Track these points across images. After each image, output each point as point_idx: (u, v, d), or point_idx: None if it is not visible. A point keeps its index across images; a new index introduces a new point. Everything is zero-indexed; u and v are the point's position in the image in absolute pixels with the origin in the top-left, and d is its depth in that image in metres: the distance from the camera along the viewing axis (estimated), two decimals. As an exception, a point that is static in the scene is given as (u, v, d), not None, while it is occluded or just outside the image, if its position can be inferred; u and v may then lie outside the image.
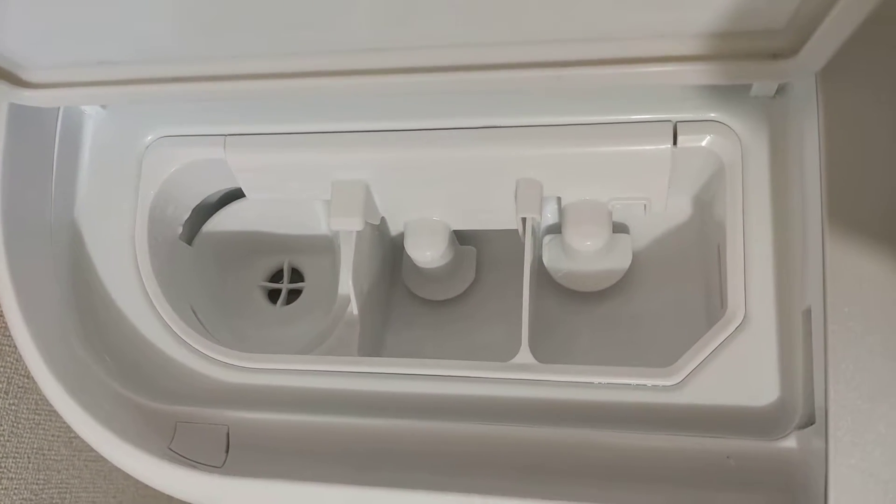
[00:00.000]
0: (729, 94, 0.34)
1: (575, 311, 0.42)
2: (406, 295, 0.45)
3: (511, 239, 0.40)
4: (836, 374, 0.28)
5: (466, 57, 0.31)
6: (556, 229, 0.42)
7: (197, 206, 0.44)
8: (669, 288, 0.41)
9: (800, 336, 0.31)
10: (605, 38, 0.29)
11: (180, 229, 0.43)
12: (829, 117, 0.29)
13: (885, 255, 0.28)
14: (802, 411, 0.31)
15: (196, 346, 0.37)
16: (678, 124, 0.35)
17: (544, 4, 0.28)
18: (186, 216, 0.43)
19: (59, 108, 0.39)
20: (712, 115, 0.34)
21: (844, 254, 0.28)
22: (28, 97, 0.35)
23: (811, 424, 0.30)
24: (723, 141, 0.34)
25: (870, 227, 0.28)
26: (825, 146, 0.29)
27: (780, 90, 0.33)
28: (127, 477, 0.73)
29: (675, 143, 0.35)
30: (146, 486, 0.75)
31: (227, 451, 0.35)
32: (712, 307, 0.38)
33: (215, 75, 0.33)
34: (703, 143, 0.34)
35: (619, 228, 0.42)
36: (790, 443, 0.30)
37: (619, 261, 0.41)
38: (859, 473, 0.27)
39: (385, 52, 0.31)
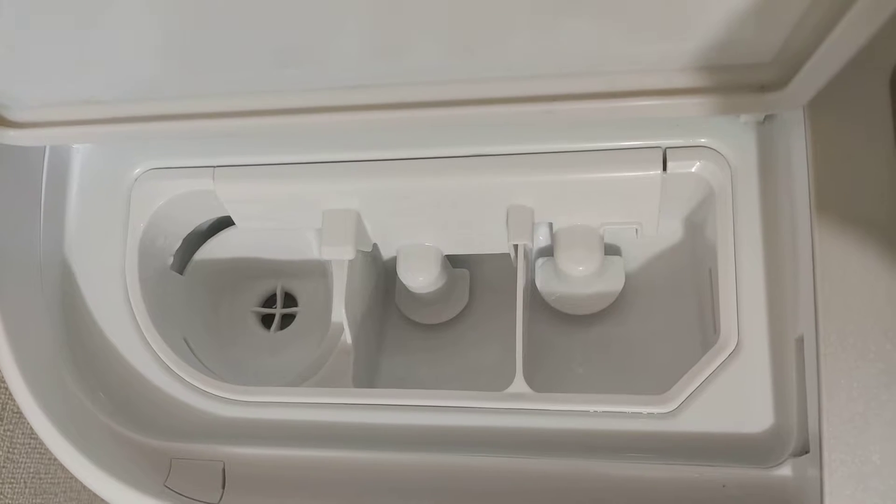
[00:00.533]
0: (718, 119, 0.34)
1: (568, 334, 0.42)
2: (400, 319, 0.45)
3: (504, 260, 0.40)
4: (829, 404, 0.28)
5: (457, 92, 0.30)
6: (548, 252, 0.42)
7: (187, 235, 0.43)
8: (663, 310, 0.41)
9: (793, 363, 0.31)
10: (595, 73, 0.30)
11: (171, 259, 0.43)
12: (817, 143, 0.30)
13: (875, 284, 0.28)
14: (797, 439, 0.31)
15: (189, 380, 0.37)
16: (668, 150, 0.35)
17: (534, 41, 0.28)
18: (177, 246, 0.43)
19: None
20: (702, 140, 0.34)
21: (835, 282, 0.28)
22: (13, 137, 0.35)
23: (806, 452, 0.30)
24: (712, 166, 0.34)
25: (860, 255, 0.28)
26: (813, 173, 0.29)
27: (769, 116, 0.34)
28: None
29: (664, 168, 0.35)
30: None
31: (223, 487, 0.35)
32: (706, 330, 0.38)
33: (202, 113, 0.33)
34: (693, 169, 0.35)
35: (612, 251, 0.42)
36: (785, 471, 0.30)
37: (612, 284, 0.41)
38: (854, 503, 0.27)
39: (374, 88, 0.31)
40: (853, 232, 0.28)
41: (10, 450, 0.55)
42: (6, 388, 0.53)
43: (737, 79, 0.29)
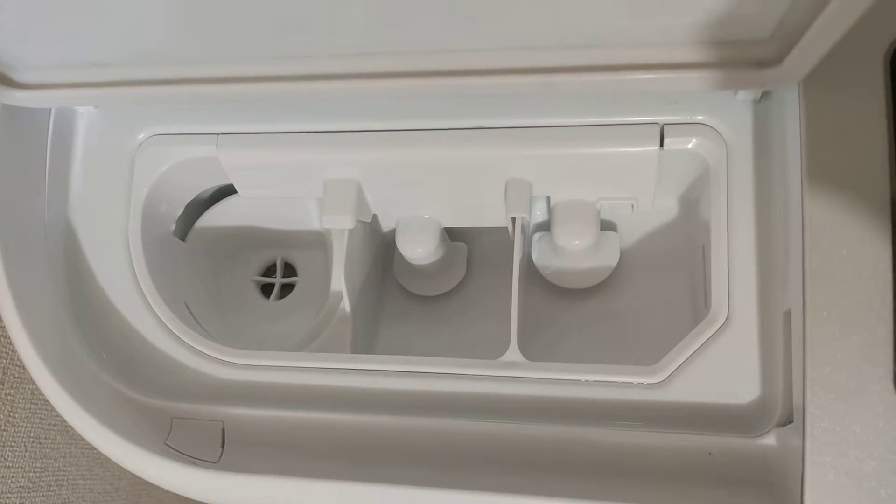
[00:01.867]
0: (715, 97, 0.35)
1: (563, 307, 0.42)
2: (398, 290, 0.46)
3: (501, 235, 0.40)
4: (813, 376, 0.29)
5: (458, 62, 0.31)
6: (545, 227, 0.43)
7: (190, 202, 0.44)
8: (656, 285, 0.41)
9: (780, 337, 0.32)
10: (595, 45, 0.30)
11: (173, 226, 0.43)
12: (811, 120, 0.30)
13: (862, 259, 0.28)
14: (782, 410, 0.31)
15: (191, 343, 0.38)
16: (665, 126, 0.35)
17: (535, 11, 0.28)
18: (179, 212, 0.43)
19: (51, 108, 0.39)
20: (699, 117, 0.35)
21: (823, 256, 0.29)
22: (19, 98, 0.35)
23: (790, 423, 0.30)
24: (708, 143, 0.35)
25: (848, 230, 0.29)
26: (806, 149, 0.29)
27: (765, 94, 0.34)
28: (124, 464, 0.73)
29: (661, 145, 0.35)
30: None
31: (222, 447, 0.36)
32: (697, 305, 0.38)
33: (207, 77, 0.33)
34: (689, 146, 0.35)
35: (608, 227, 0.43)
36: (770, 440, 0.31)
37: (607, 259, 0.41)
38: (834, 471, 0.28)
39: (377, 56, 0.31)
40: (843, 208, 0.29)
41: (12, 414, 0.56)
42: (8, 354, 0.54)
43: (735, 54, 0.29)
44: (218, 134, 0.39)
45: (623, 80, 0.30)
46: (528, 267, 0.42)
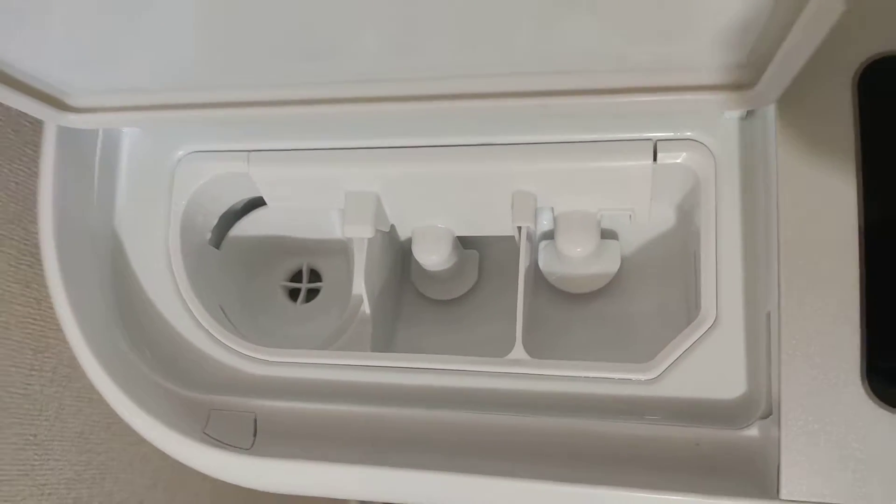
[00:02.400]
0: (704, 115, 0.37)
1: (567, 310, 0.45)
2: (415, 294, 0.49)
3: (510, 243, 0.43)
4: (788, 372, 0.31)
5: (461, 86, 0.34)
6: (551, 235, 0.45)
7: (223, 213, 0.47)
8: (654, 290, 0.44)
9: (764, 336, 0.35)
10: (587, 71, 0.33)
11: (209, 235, 0.47)
12: (785, 140, 0.33)
13: (832, 268, 0.31)
14: (764, 404, 0.34)
15: (226, 342, 0.42)
16: (658, 142, 0.38)
17: (533, 42, 0.31)
18: (214, 223, 0.47)
19: (99, 129, 0.43)
20: (689, 134, 0.38)
21: (795, 266, 0.31)
22: (72, 120, 0.39)
23: (770, 415, 0.33)
24: (698, 158, 0.37)
25: (818, 242, 0.31)
26: (781, 167, 0.32)
27: (750, 112, 0.37)
28: (163, 458, 0.77)
29: (655, 159, 0.38)
30: (181, 468, 0.79)
31: (254, 436, 0.39)
32: (691, 307, 0.41)
33: (238, 101, 0.37)
34: (680, 160, 0.38)
35: (609, 235, 0.45)
36: (752, 432, 0.34)
37: (609, 265, 0.44)
38: (808, 459, 0.31)
39: (390, 81, 0.35)
40: (813, 220, 0.32)
41: (60, 410, 0.59)
42: (57, 353, 0.58)
43: (715, 78, 0.32)
44: (249, 151, 0.43)
45: (612, 103, 0.33)
46: (535, 273, 0.45)
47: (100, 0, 0.30)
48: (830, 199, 0.31)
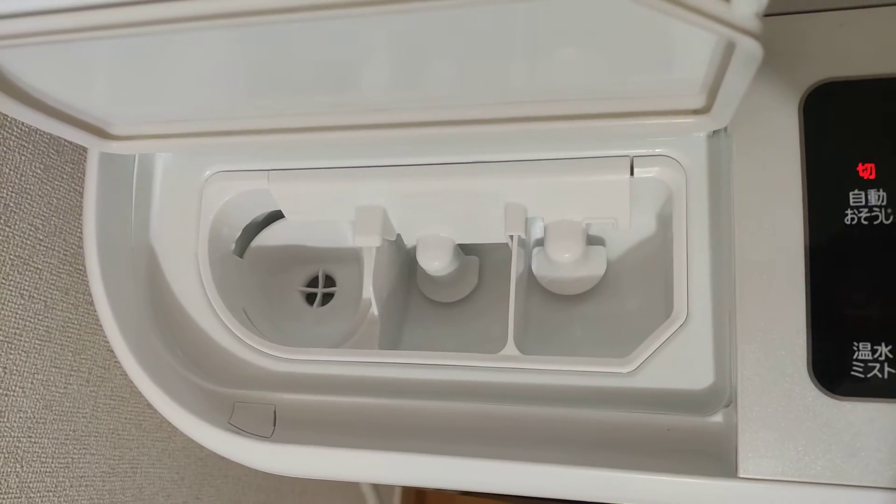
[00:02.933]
0: (675, 133, 0.41)
1: (558, 311, 0.49)
2: (420, 298, 0.53)
3: (508, 250, 0.47)
4: (743, 363, 0.35)
5: (456, 114, 0.38)
6: (542, 242, 0.50)
7: (246, 225, 0.51)
8: (637, 291, 0.48)
9: (727, 333, 0.38)
10: (566, 100, 0.37)
11: (233, 245, 0.51)
12: (738, 159, 0.36)
13: (780, 273, 0.35)
14: (729, 393, 0.38)
15: (248, 342, 0.45)
16: (634, 158, 0.41)
17: (519, 80, 0.36)
18: (238, 234, 0.51)
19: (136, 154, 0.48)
20: (661, 150, 0.41)
21: (749, 271, 0.35)
22: (114, 147, 0.43)
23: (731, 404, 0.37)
24: (670, 171, 0.41)
25: (769, 250, 0.35)
26: (734, 180, 0.36)
27: (717, 130, 0.40)
28: (188, 455, 0.82)
29: (632, 174, 0.42)
30: (204, 464, 0.84)
31: (274, 425, 0.43)
32: (668, 307, 0.45)
33: (259, 129, 0.42)
34: (654, 174, 0.41)
35: (597, 241, 0.49)
36: (718, 418, 0.37)
37: (595, 269, 0.48)
38: (763, 443, 0.34)
39: (396, 111, 0.39)
40: (763, 229, 0.35)
41: (95, 408, 0.64)
42: (92, 355, 0.62)
43: (677, 104, 0.36)
44: (269, 170, 0.46)
45: (589, 127, 0.37)
46: (529, 277, 0.50)
47: (140, 53, 0.34)
48: (780, 212, 0.35)
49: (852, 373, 0.33)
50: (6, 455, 0.54)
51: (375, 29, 0.31)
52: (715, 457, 0.37)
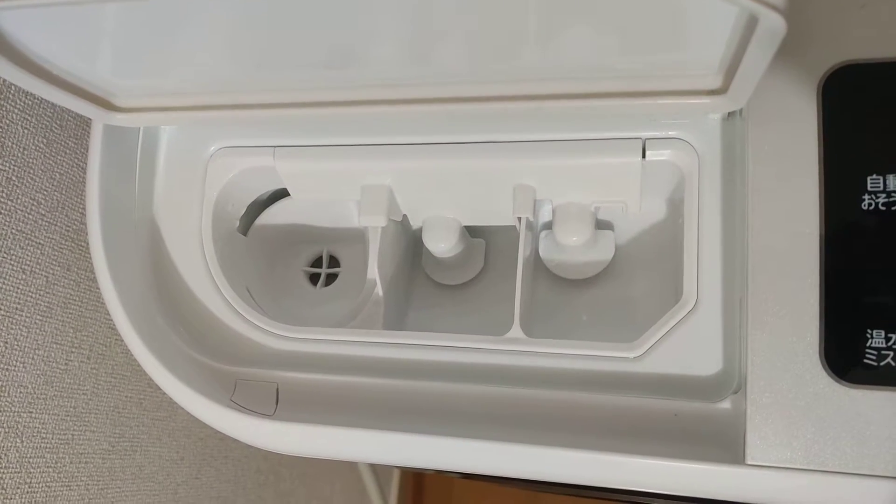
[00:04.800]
0: (689, 115, 0.41)
1: (565, 294, 0.49)
2: (425, 279, 0.53)
3: (515, 232, 0.47)
4: (753, 348, 0.35)
5: (466, 91, 0.38)
6: (551, 226, 0.49)
7: (251, 203, 0.51)
8: (646, 276, 0.47)
9: (738, 319, 0.38)
10: (579, 77, 0.37)
11: (237, 223, 0.50)
12: (754, 141, 0.36)
13: (793, 259, 0.34)
14: (738, 380, 0.37)
15: (251, 320, 0.45)
16: (647, 141, 0.41)
17: (531, 56, 0.35)
18: (242, 212, 0.50)
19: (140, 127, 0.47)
20: (675, 133, 0.40)
21: (762, 256, 0.35)
22: (119, 119, 0.43)
23: (741, 390, 0.36)
24: (682, 155, 0.40)
25: (783, 235, 0.35)
26: (750, 163, 0.36)
27: (732, 113, 0.40)
28: (188, 435, 0.82)
29: (644, 156, 0.41)
30: (205, 443, 0.84)
31: (276, 403, 0.43)
32: (677, 292, 0.44)
33: (265, 103, 0.41)
34: (666, 157, 0.41)
35: (606, 226, 0.49)
36: (726, 405, 0.37)
37: (604, 253, 0.48)
38: (772, 430, 0.34)
39: (402, 86, 0.38)
40: (778, 214, 0.35)
41: (95, 385, 0.64)
42: (93, 332, 0.62)
43: (693, 84, 0.35)
44: (275, 147, 0.46)
45: (602, 105, 0.37)
46: (536, 260, 0.49)
47: (147, 20, 0.34)
48: (795, 196, 0.35)
49: (865, 360, 0.33)
50: (6, 430, 0.54)
51: (386, -1, 0.31)
52: (723, 443, 0.36)
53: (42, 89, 0.38)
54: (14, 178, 0.53)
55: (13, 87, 0.52)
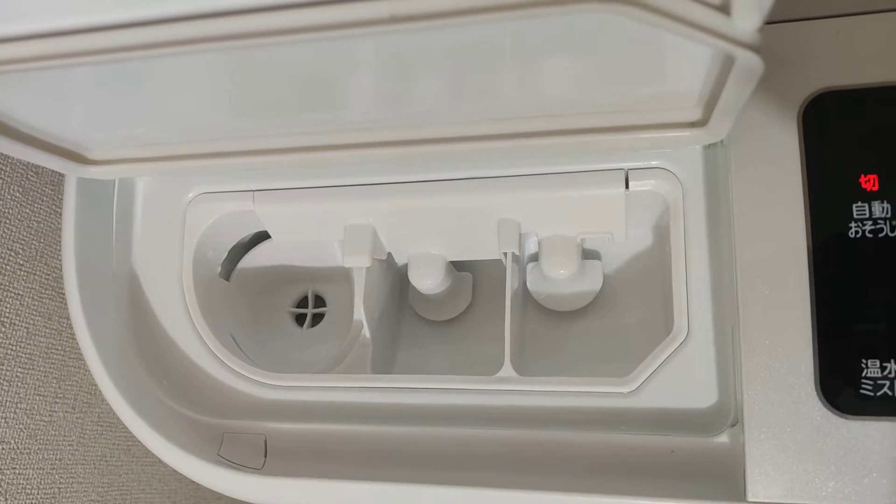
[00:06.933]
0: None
1: (555, 327, 0.48)
2: (413, 316, 0.52)
3: (502, 265, 0.46)
4: (749, 381, 0.34)
5: (445, 131, 0.37)
6: (537, 258, 0.48)
7: (232, 247, 0.50)
8: (635, 306, 0.47)
9: (731, 350, 0.37)
10: (559, 115, 0.36)
11: (219, 268, 0.50)
12: (737, 170, 0.35)
13: (784, 288, 0.34)
14: (734, 413, 0.37)
15: (236, 369, 0.44)
16: (629, 171, 0.41)
17: (510, 96, 0.35)
18: (224, 257, 0.50)
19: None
20: (657, 163, 0.40)
21: (753, 286, 0.34)
22: (92, 172, 0.42)
23: (738, 423, 0.36)
24: (666, 184, 0.40)
25: (772, 265, 0.34)
26: (734, 191, 0.35)
27: (713, 143, 0.40)
28: (180, 479, 0.80)
29: (627, 187, 0.41)
30: (197, 487, 0.82)
31: (265, 456, 0.42)
32: (668, 322, 0.44)
33: (241, 151, 0.40)
34: (650, 187, 0.40)
35: (593, 255, 0.48)
36: (723, 438, 0.36)
37: (592, 284, 0.47)
38: (772, 463, 0.33)
39: (383, 129, 0.38)
40: (765, 243, 0.34)
41: (81, 435, 0.62)
42: (78, 381, 0.61)
43: (673, 118, 0.35)
44: (254, 191, 0.45)
45: (584, 142, 0.36)
46: (524, 293, 0.48)
47: (115, 77, 0.33)
48: (781, 224, 0.34)
49: (861, 391, 0.32)
50: (-12, 490, 0.52)
51: (361, 48, 0.30)
52: (722, 479, 0.36)
53: (10, 148, 0.37)
54: (-11, 231, 0.52)
55: (-15, 140, 0.51)
